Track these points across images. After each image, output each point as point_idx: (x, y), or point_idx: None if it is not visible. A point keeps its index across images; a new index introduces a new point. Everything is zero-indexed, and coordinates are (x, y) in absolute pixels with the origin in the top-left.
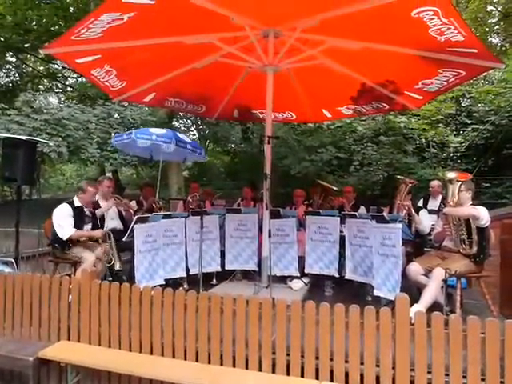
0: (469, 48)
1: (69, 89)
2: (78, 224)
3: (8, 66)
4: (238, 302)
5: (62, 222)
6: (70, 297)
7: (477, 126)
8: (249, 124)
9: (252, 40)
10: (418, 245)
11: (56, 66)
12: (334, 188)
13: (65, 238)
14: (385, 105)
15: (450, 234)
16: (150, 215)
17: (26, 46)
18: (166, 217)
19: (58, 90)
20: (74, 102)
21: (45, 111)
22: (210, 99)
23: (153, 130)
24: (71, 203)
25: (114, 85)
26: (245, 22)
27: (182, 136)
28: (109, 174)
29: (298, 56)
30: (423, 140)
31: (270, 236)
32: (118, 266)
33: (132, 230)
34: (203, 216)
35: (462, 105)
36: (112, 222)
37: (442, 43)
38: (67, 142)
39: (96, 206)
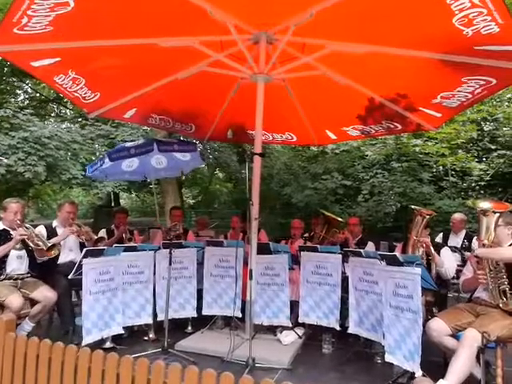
0: (504, 45)
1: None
2: None
3: (19, 92)
4: (187, 375)
5: None
6: None
7: (504, 152)
8: (246, 146)
9: (240, 45)
10: (440, 292)
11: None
12: (339, 219)
13: None
14: (397, 125)
15: (484, 283)
16: (104, 247)
17: None
18: (129, 249)
19: (62, 114)
20: (65, 122)
21: (29, 128)
22: (199, 117)
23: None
24: None
25: (86, 96)
26: (227, 19)
27: (166, 139)
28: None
29: (292, 63)
30: (440, 167)
31: (251, 278)
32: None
33: (80, 266)
34: (175, 249)
35: (485, 129)
36: (70, 254)
37: (469, 39)
38: (46, 162)
39: (54, 233)
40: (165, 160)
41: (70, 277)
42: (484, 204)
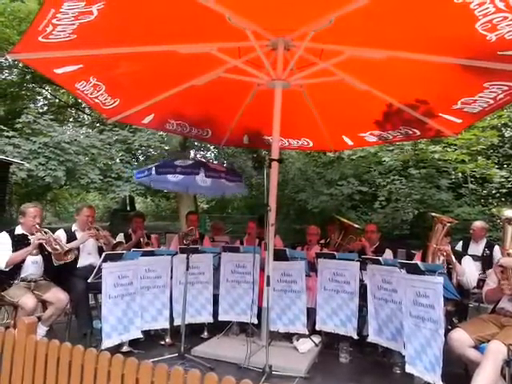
0: None
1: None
2: None
3: (39, 98)
4: (206, 382)
5: None
6: None
7: None
8: (261, 151)
9: (258, 51)
10: (460, 301)
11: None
12: (356, 225)
13: (3, 267)
14: (415, 131)
15: (509, 293)
16: (123, 251)
17: None
18: (147, 254)
19: (80, 120)
20: (83, 127)
21: (50, 134)
22: (216, 122)
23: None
24: (10, 231)
25: (106, 102)
26: (245, 25)
27: (215, 165)
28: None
29: (310, 69)
30: (459, 174)
31: (268, 284)
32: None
33: (100, 270)
34: (193, 254)
35: (505, 135)
36: (89, 258)
37: (493, 44)
38: (66, 167)
39: (73, 237)
40: (210, 180)
41: (89, 280)
42: (509, 212)
